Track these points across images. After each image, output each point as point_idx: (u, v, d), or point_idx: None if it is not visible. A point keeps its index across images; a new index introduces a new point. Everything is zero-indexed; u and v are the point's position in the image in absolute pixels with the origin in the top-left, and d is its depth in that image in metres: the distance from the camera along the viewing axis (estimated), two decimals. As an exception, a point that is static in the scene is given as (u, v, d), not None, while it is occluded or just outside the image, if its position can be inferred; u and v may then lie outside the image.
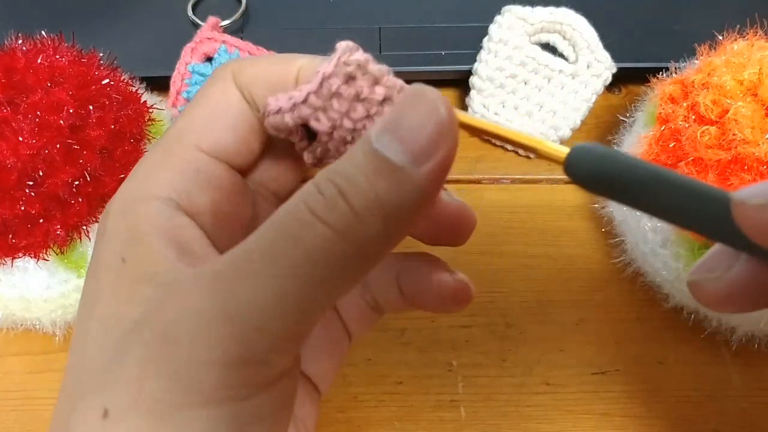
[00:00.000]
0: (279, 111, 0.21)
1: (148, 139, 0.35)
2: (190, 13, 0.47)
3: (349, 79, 0.21)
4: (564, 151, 0.19)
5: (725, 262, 0.20)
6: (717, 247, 0.21)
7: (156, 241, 0.20)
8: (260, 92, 0.22)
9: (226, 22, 0.46)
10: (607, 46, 0.43)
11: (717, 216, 0.17)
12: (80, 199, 0.31)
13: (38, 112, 0.31)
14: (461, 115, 0.20)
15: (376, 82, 0.21)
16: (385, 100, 0.21)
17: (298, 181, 0.25)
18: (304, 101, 0.21)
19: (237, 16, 0.47)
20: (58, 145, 0.30)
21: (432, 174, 0.18)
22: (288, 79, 0.22)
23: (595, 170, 0.18)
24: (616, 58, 0.43)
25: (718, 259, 0.20)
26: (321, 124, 0.21)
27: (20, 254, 0.32)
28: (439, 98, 0.18)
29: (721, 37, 0.36)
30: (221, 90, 0.22)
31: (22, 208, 0.30)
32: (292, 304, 0.18)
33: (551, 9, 0.44)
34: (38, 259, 0.32)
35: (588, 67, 0.43)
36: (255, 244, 0.18)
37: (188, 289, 0.18)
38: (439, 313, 0.25)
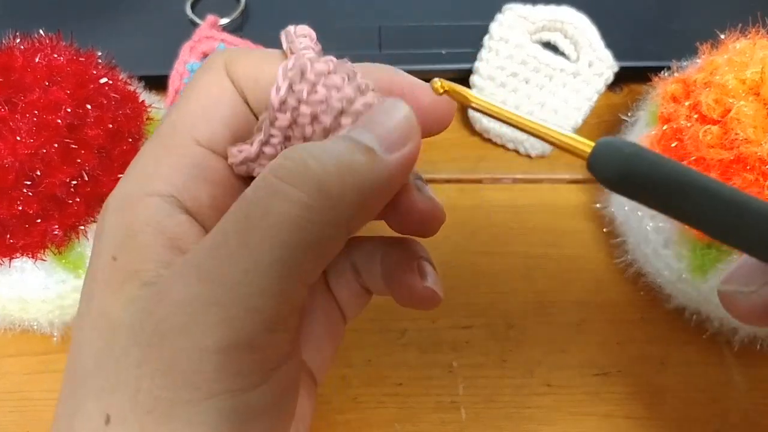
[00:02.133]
0: (241, 163, 0.22)
1: (147, 139, 0.35)
2: (188, 11, 0.47)
3: (294, 110, 0.21)
4: (588, 145, 0.17)
5: (761, 276, 0.19)
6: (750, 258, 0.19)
7: (148, 239, 0.19)
8: (251, 90, 0.22)
9: (224, 21, 0.46)
10: (609, 45, 0.43)
11: (758, 231, 0.16)
12: (78, 199, 0.31)
13: (36, 112, 0.30)
14: (482, 102, 0.19)
15: (324, 100, 0.21)
16: (343, 112, 0.21)
17: None
18: (256, 157, 0.21)
19: (236, 14, 0.47)
20: (55, 145, 0.30)
21: (400, 161, 0.19)
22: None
23: (624, 170, 0.16)
24: (617, 56, 0.43)
25: (753, 271, 0.19)
26: None
27: (18, 254, 0.32)
28: (405, 105, 0.20)
29: (723, 36, 0.36)
30: (214, 81, 0.22)
31: (20, 207, 0.30)
32: (275, 279, 0.17)
33: (553, 7, 0.44)
34: (36, 260, 0.32)
35: (589, 65, 0.43)
36: (227, 223, 0.18)
37: (173, 282, 0.18)
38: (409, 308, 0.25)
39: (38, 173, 0.30)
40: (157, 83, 0.41)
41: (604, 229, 0.39)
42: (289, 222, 0.17)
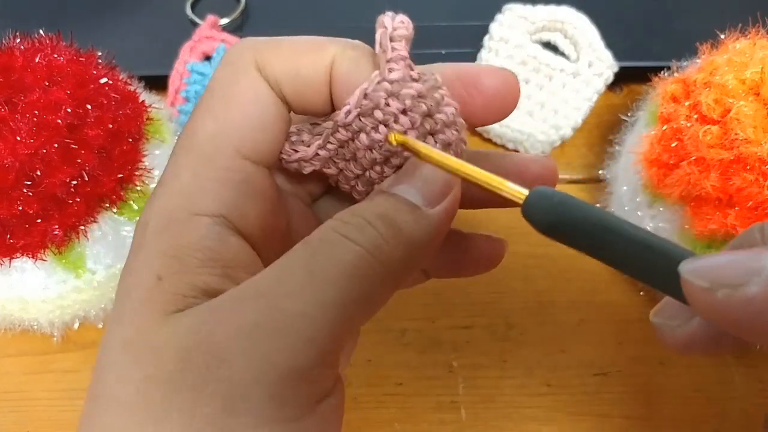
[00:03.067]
0: (294, 161, 0.22)
1: (147, 139, 0.35)
2: (188, 11, 0.47)
3: (368, 117, 0.21)
4: (523, 194, 0.19)
5: (684, 311, 0.20)
6: None
7: (197, 261, 0.19)
8: (290, 87, 0.21)
9: (225, 21, 0.46)
10: (609, 45, 0.43)
11: (671, 276, 0.17)
12: (78, 199, 0.31)
13: (36, 112, 0.30)
14: (422, 147, 0.20)
15: (402, 111, 0.21)
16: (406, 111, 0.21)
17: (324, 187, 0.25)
18: (314, 157, 0.22)
19: (236, 14, 0.47)
20: (56, 145, 0.30)
21: (442, 215, 0.20)
22: (318, 74, 0.21)
23: (553, 217, 0.18)
24: (617, 56, 0.43)
25: (678, 306, 0.20)
26: (331, 170, 0.22)
27: (18, 254, 0.32)
28: (447, 156, 0.20)
29: (722, 36, 0.36)
30: (249, 86, 0.21)
31: (20, 208, 0.30)
32: (335, 316, 0.18)
33: (553, 7, 0.44)
34: (36, 260, 0.32)
35: (589, 66, 0.43)
36: (293, 261, 0.19)
37: (233, 308, 0.18)
38: (471, 274, 0.25)
39: (38, 173, 0.30)
40: (157, 83, 0.41)
41: (604, 229, 0.39)
42: (348, 270, 0.18)
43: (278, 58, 0.21)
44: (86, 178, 0.31)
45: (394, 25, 0.21)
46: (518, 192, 0.19)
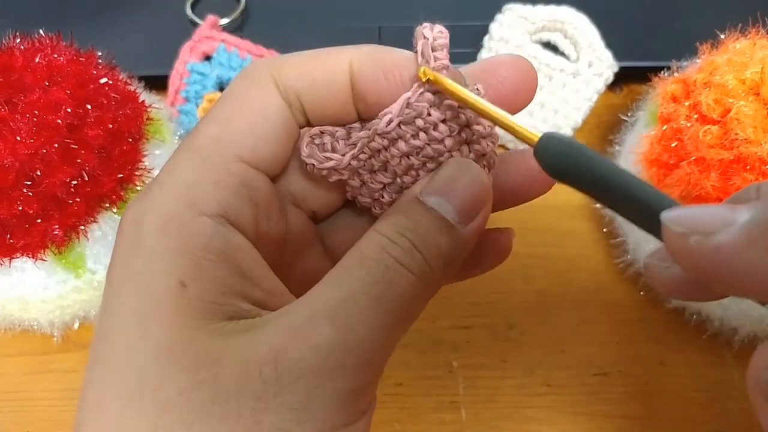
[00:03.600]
0: (325, 169, 0.22)
1: (147, 139, 0.35)
2: (188, 11, 0.47)
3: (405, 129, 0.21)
4: (537, 135, 0.20)
5: None
6: None
7: (216, 266, 0.20)
8: (307, 91, 0.21)
9: (225, 21, 0.46)
10: (609, 45, 0.43)
11: (659, 222, 0.18)
12: (78, 199, 0.31)
13: (36, 112, 0.30)
14: (446, 82, 0.20)
15: (435, 126, 0.21)
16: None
17: (341, 203, 0.25)
18: (347, 167, 0.22)
19: (236, 14, 0.47)
20: (56, 145, 0.30)
21: (475, 231, 0.21)
22: (335, 78, 0.21)
23: (561, 157, 0.19)
24: (617, 56, 0.43)
25: None
26: (355, 182, 0.23)
27: (18, 254, 0.32)
28: (481, 170, 0.22)
29: (722, 36, 0.36)
30: (260, 96, 0.21)
31: (20, 208, 0.30)
32: (390, 339, 0.20)
33: (553, 7, 0.44)
34: (36, 260, 0.32)
35: (589, 66, 0.43)
36: (356, 285, 0.20)
37: (307, 327, 0.19)
38: (484, 271, 0.26)
39: (38, 173, 0.30)
40: (158, 83, 0.41)
41: (604, 230, 0.39)
42: (405, 297, 0.20)
43: (293, 68, 0.21)
44: (86, 178, 0.31)
45: (434, 35, 0.21)
46: (532, 134, 0.20)
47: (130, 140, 0.33)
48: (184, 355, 0.18)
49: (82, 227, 0.32)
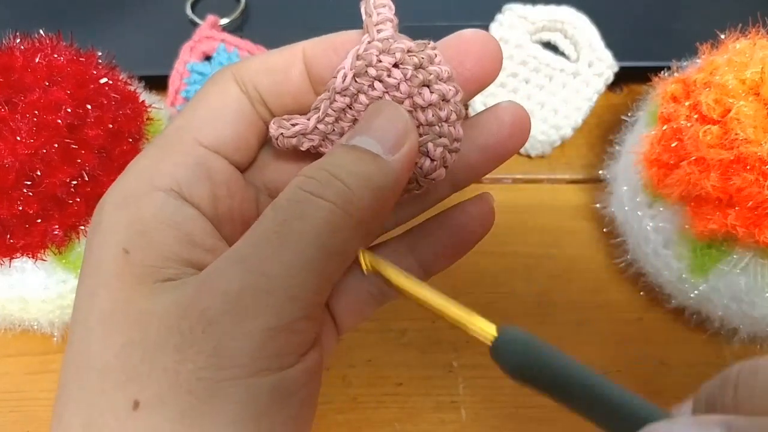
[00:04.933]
0: (293, 135, 0.23)
1: (147, 139, 0.35)
2: (188, 11, 0.47)
3: (363, 77, 0.22)
4: (491, 333, 0.19)
5: None
6: None
7: (162, 236, 0.21)
8: (264, 81, 0.23)
9: (225, 21, 0.46)
10: (609, 45, 0.43)
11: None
12: (78, 199, 0.31)
13: (36, 112, 0.30)
14: (387, 270, 0.21)
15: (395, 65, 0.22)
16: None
17: None
18: (310, 132, 0.23)
19: (236, 14, 0.47)
20: (56, 145, 0.30)
21: (403, 161, 0.21)
22: (293, 65, 0.23)
23: (520, 361, 0.18)
24: (617, 56, 0.43)
25: None
26: (327, 149, 0.23)
27: (18, 254, 0.32)
28: (397, 105, 0.22)
29: (723, 36, 0.36)
30: (220, 88, 0.23)
31: (20, 208, 0.30)
32: (315, 272, 0.20)
33: (553, 7, 0.44)
34: (36, 260, 0.32)
35: (589, 66, 0.43)
36: (266, 226, 0.20)
37: (219, 275, 0.20)
38: (465, 251, 0.26)
39: (38, 173, 0.30)
40: (158, 83, 0.41)
41: (604, 230, 0.39)
42: (321, 226, 0.20)
43: (251, 64, 0.23)
44: (86, 178, 0.31)
45: (377, 8, 0.22)
46: (485, 330, 0.20)
47: (130, 140, 0.33)
48: (122, 317, 0.20)
49: (82, 227, 0.32)
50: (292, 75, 0.23)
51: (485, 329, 0.19)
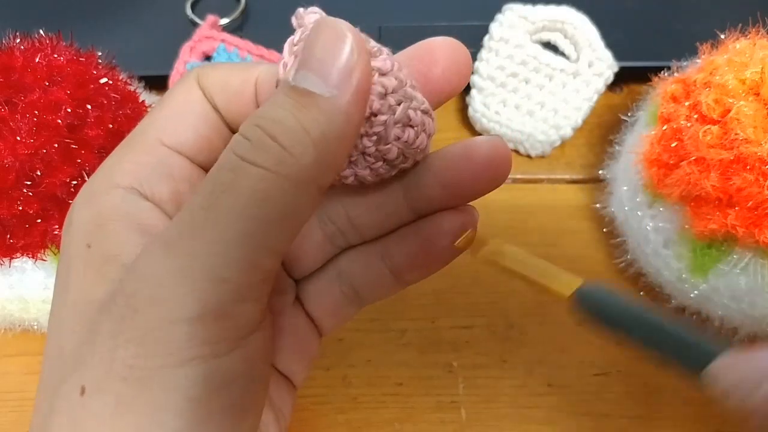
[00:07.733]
0: None
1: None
2: (188, 11, 0.47)
3: None
4: (575, 286, 0.21)
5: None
6: None
7: (118, 226, 0.21)
8: (220, 97, 0.23)
9: (225, 21, 0.46)
10: (609, 45, 0.43)
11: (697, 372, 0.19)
12: (78, 199, 0.31)
13: (36, 112, 0.30)
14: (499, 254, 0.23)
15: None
16: None
17: None
18: None
19: (236, 14, 0.47)
20: (56, 145, 0.30)
21: (352, 97, 0.18)
22: (246, 88, 0.22)
23: (599, 312, 0.21)
24: (617, 56, 0.43)
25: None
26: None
27: (18, 254, 0.32)
28: (342, 25, 0.19)
29: (723, 36, 0.36)
30: (185, 90, 0.23)
31: (20, 207, 0.30)
32: (243, 250, 0.18)
33: (553, 7, 0.44)
34: (36, 260, 0.32)
35: (589, 65, 0.43)
36: (194, 202, 0.19)
37: (142, 258, 0.19)
38: (439, 263, 0.24)
39: (38, 173, 0.30)
40: (157, 83, 0.41)
41: (604, 229, 0.39)
42: (253, 195, 0.18)
43: (213, 72, 0.23)
44: (86, 178, 0.31)
45: (307, 10, 0.22)
46: (569, 285, 0.21)
47: (130, 140, 0.33)
48: (84, 306, 0.20)
49: (82, 227, 0.32)
50: (244, 96, 0.22)
51: (571, 283, 0.21)
